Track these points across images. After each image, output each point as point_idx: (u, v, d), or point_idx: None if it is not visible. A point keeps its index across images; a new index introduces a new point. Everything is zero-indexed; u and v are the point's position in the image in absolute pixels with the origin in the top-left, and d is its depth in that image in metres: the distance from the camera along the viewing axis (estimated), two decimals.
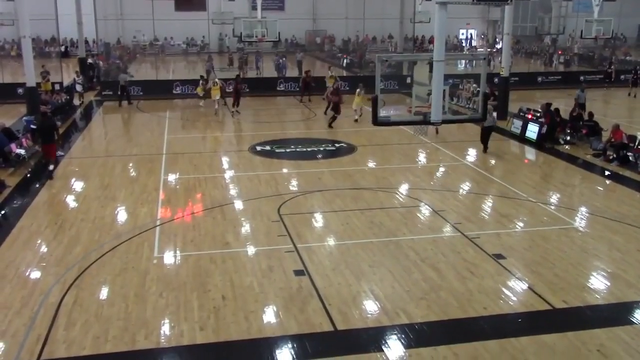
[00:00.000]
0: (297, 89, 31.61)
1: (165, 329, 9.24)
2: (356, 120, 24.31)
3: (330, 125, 23.60)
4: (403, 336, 9.00)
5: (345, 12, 53.19)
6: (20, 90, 26.41)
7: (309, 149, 20.57)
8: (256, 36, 29.22)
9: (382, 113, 10.94)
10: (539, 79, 36.62)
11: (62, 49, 46.31)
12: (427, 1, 40.14)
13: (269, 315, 9.63)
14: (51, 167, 17.39)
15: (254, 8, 34.81)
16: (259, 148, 20.60)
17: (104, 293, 10.39)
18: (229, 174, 17.82)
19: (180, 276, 10.97)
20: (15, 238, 12.84)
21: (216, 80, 27.02)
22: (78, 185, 16.91)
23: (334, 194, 15.67)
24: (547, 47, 52.48)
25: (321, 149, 20.62)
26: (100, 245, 12.31)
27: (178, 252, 12.08)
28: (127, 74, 32.08)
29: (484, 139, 20.12)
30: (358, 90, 24.66)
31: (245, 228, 13.44)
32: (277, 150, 20.39)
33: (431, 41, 39.65)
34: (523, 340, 8.84)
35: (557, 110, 21.90)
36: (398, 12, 48.35)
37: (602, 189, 16.92)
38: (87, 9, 35.21)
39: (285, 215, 14.04)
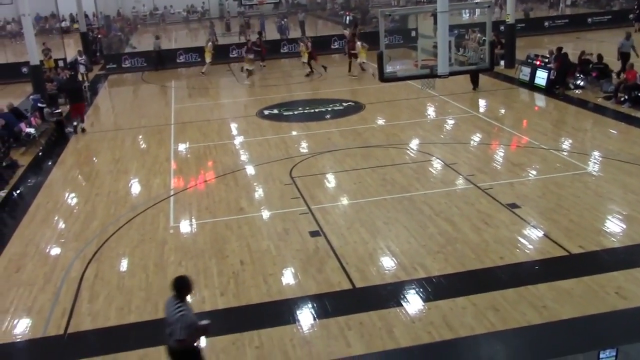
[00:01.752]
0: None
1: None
2: (374, 75, 24.34)
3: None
4: (421, 290, 9.09)
5: None
6: (24, 69, 26.34)
7: (316, 110, 20.48)
8: None
9: (389, 69, 10.85)
10: (546, 23, 35.93)
11: (63, 24, 45.98)
12: None
13: (288, 277, 9.74)
14: (82, 124, 19.55)
15: None
16: (266, 112, 20.54)
17: (124, 265, 10.54)
18: (238, 140, 17.82)
19: (197, 244, 11.09)
20: (33, 216, 13.00)
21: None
22: (90, 161, 17.01)
23: (344, 153, 15.65)
24: None
25: (329, 109, 20.52)
26: (117, 219, 12.44)
27: (194, 220, 12.19)
28: (159, 40, 31.63)
29: (473, 79, 20.78)
30: (360, 43, 24.80)
31: (259, 193, 13.50)
32: (285, 113, 20.32)
33: None
34: (541, 287, 8.90)
35: (566, 54, 21.56)
36: None
37: (614, 131, 16.76)
38: None
39: (297, 177, 14.07)
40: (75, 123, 19.58)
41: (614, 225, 10.80)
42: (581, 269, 9.43)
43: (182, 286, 6.52)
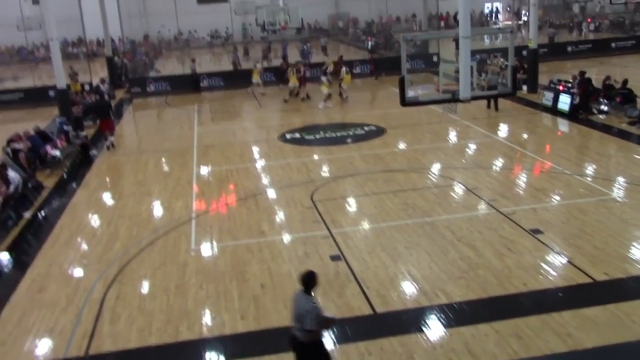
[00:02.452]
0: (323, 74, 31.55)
1: (207, 319, 9.39)
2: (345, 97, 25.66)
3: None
4: (443, 316, 8.99)
5: None
6: (51, 93, 26.86)
7: (338, 134, 20.54)
8: (279, 24, 29.13)
9: (410, 93, 10.88)
10: (569, 48, 35.84)
11: (90, 49, 46.90)
12: None
13: None
14: (111, 139, 20.59)
15: None
16: (288, 136, 20.65)
17: (145, 287, 10.59)
18: (260, 164, 17.92)
19: (218, 267, 11.11)
20: (57, 237, 13.16)
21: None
22: (113, 183, 17.22)
23: (365, 177, 15.65)
24: (576, 15, 51.29)
25: (350, 133, 20.58)
26: (139, 241, 12.53)
27: (215, 243, 12.23)
28: (194, 63, 32.14)
29: (493, 101, 21.32)
30: (345, 69, 25.92)
31: (280, 216, 13.53)
32: (306, 137, 20.42)
33: (456, 17, 39.09)
34: (565, 315, 8.75)
35: (589, 79, 21.43)
36: None
37: (639, 157, 16.55)
38: (111, 7, 35.54)
39: (318, 201, 14.08)
40: (109, 139, 20.69)
41: (639, 252, 10.61)
42: (606, 296, 9.26)
43: (310, 280, 6.92)
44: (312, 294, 6.92)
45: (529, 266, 10.30)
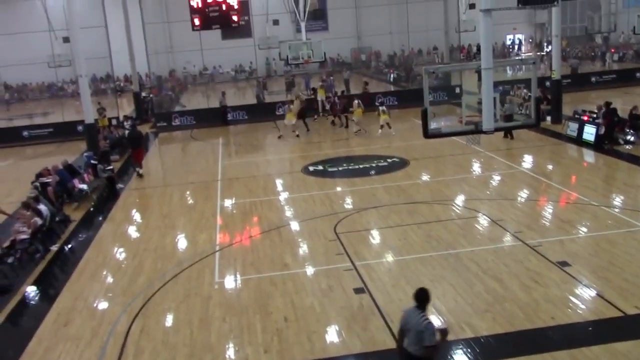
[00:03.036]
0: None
1: (230, 353, 9.35)
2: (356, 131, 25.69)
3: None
4: (469, 350, 8.84)
5: (389, 27, 53.21)
6: (79, 128, 27.40)
7: (361, 166, 20.57)
8: (302, 58, 29.45)
9: (433, 125, 10.87)
10: (593, 79, 35.66)
11: (117, 85, 47.92)
12: (471, 9, 39.81)
13: (332, 335, 9.62)
14: (140, 170, 21.62)
15: (299, 31, 35.24)
16: (311, 168, 20.73)
17: (169, 320, 10.61)
18: (283, 196, 17.98)
19: (242, 300, 11.09)
20: (83, 270, 13.28)
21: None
22: (139, 216, 17.40)
23: (389, 209, 15.59)
24: (599, 46, 51.12)
25: (373, 165, 20.60)
26: (163, 274, 12.59)
27: (238, 276, 12.24)
28: (224, 97, 32.43)
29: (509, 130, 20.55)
30: (358, 102, 25.94)
31: (303, 248, 13.51)
32: (329, 170, 20.47)
33: (478, 49, 39.20)
34: (595, 350, 8.55)
35: (614, 109, 21.25)
36: (442, 23, 48.01)
37: None
38: (138, 44, 36.39)
39: (341, 233, 14.04)
40: (139, 170, 21.72)
41: None
42: (638, 330, 9.05)
43: (424, 297, 7.20)
44: (425, 310, 7.17)
45: (556, 299, 10.11)
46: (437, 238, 13.28)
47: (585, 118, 22.14)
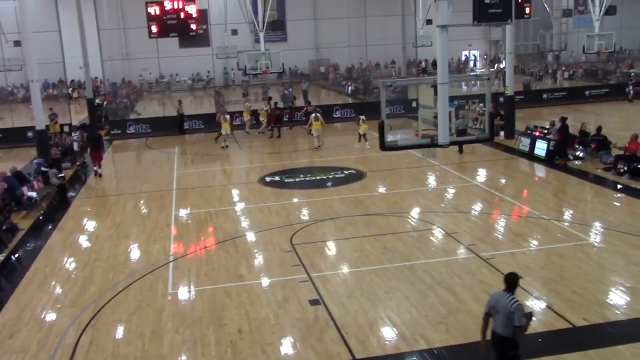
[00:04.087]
0: (304, 119, 31.93)
1: None
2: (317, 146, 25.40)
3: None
4: None
5: (348, 40, 53.58)
6: (30, 134, 26.69)
7: (318, 178, 20.60)
8: (260, 68, 29.39)
9: (389, 138, 10.98)
10: (544, 95, 36.63)
11: (69, 91, 46.89)
12: (429, 25, 40.46)
13: (287, 347, 9.55)
14: (99, 170, 22.50)
15: (257, 41, 35.15)
16: (268, 179, 20.65)
17: (120, 332, 10.36)
18: (239, 207, 17.85)
19: (195, 311, 10.93)
20: (30, 280, 12.88)
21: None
22: (90, 225, 16.99)
23: (345, 221, 15.63)
24: (550, 64, 52.59)
25: (330, 176, 20.64)
26: (115, 285, 12.31)
27: (192, 287, 12.06)
28: (180, 105, 32.16)
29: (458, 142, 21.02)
30: (314, 115, 25.66)
31: (259, 259, 13.41)
32: (286, 180, 20.43)
33: (434, 64, 39.84)
34: None
35: (567, 125, 21.80)
36: (400, 38, 48.63)
37: (615, 202, 16.79)
38: (93, 50, 35.72)
39: (297, 244, 14.00)
40: (95, 168, 22.52)
41: (617, 298, 10.66)
42: (586, 342, 9.26)
43: (514, 281, 7.69)
44: (514, 293, 7.61)
45: None
46: (392, 250, 13.37)
47: (537, 134, 22.70)
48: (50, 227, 16.79)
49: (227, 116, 27.63)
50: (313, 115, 26.04)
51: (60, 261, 14.13)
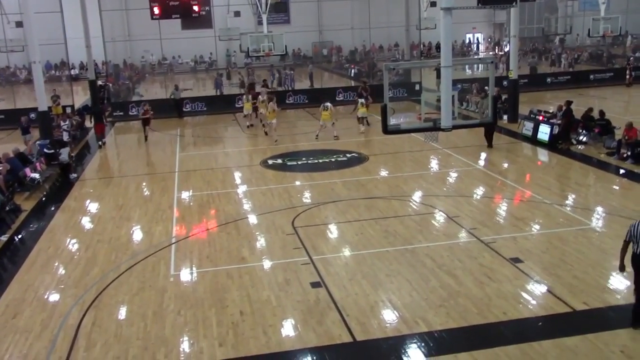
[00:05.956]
0: (306, 101, 31.87)
1: (185, 346, 9.25)
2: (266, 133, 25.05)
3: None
4: (423, 344, 8.95)
5: (351, 22, 53.28)
6: (32, 115, 26.65)
7: (320, 161, 20.58)
8: (263, 50, 29.27)
9: (392, 121, 10.95)
10: (548, 79, 36.44)
11: (73, 72, 46.74)
12: (432, 7, 40.17)
13: (288, 329, 9.61)
14: (103, 140, 25.02)
15: (260, 23, 35.03)
16: (270, 162, 20.65)
17: (122, 313, 10.43)
18: (241, 189, 17.87)
19: (197, 293, 10.98)
20: (33, 261, 12.94)
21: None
22: (93, 207, 17.03)
23: (347, 204, 15.65)
24: (555, 47, 52.28)
25: (333, 159, 20.63)
26: (117, 266, 12.37)
27: (194, 269, 12.11)
28: (178, 90, 32.03)
29: (486, 135, 21.07)
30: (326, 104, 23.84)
31: (260, 242, 13.45)
32: (288, 163, 20.42)
33: (438, 47, 39.68)
34: (544, 344, 8.76)
35: (571, 109, 21.72)
36: (404, 20, 48.27)
37: (617, 187, 16.77)
38: (95, 31, 35.55)
39: (299, 227, 14.03)
40: (103, 140, 24.94)
41: (618, 283, 10.68)
42: (586, 326, 9.30)
43: None
44: None
45: (509, 295, 10.31)
46: (394, 233, 13.39)
47: (541, 118, 22.62)
48: (53, 208, 16.84)
49: (250, 96, 27.44)
50: (361, 100, 24.83)
51: (63, 242, 14.19)
